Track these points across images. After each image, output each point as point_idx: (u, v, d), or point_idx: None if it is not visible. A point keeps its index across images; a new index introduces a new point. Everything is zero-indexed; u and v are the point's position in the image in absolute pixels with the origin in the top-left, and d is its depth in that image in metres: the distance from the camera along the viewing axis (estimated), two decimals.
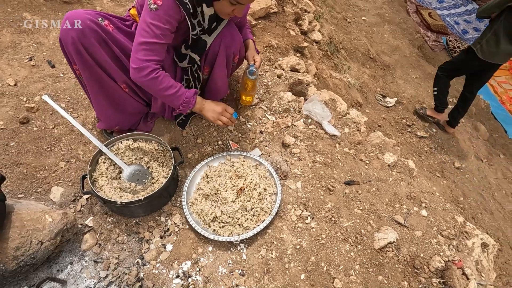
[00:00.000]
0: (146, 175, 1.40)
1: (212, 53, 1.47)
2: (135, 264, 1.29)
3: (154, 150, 1.49)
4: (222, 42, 1.43)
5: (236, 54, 1.54)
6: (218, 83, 1.58)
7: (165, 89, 1.26)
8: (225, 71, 1.54)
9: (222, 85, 1.60)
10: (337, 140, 1.77)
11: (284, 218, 1.41)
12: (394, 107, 3.48)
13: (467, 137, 3.53)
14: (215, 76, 1.54)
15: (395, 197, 1.55)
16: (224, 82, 1.61)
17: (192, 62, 1.49)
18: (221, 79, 1.57)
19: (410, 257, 1.31)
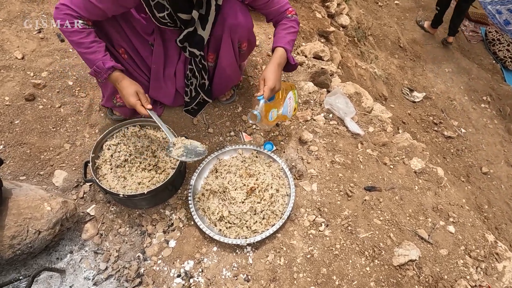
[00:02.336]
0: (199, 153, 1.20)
1: (215, 38, 1.32)
2: (136, 258, 1.23)
3: (162, 138, 1.40)
4: (225, 25, 1.26)
5: (243, 41, 1.36)
6: (227, 71, 1.44)
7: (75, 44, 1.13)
8: (233, 58, 1.39)
9: (232, 72, 1.46)
10: (359, 140, 1.62)
11: (295, 222, 1.31)
12: (421, 102, 3.24)
13: (498, 140, 3.26)
14: (223, 64, 1.40)
15: (420, 208, 1.41)
16: (234, 69, 1.46)
17: (193, 55, 1.35)
18: (230, 67, 1.42)
19: (432, 279, 1.19)
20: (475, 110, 3.44)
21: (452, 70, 3.75)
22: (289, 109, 1.36)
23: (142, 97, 1.20)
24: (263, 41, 2.06)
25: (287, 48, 1.25)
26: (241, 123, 1.63)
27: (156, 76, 1.44)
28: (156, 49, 1.36)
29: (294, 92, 1.40)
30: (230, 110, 1.68)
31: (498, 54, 4.40)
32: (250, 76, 1.82)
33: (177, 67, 1.45)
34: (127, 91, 1.18)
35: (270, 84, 1.20)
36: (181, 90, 1.53)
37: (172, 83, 1.49)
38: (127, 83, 1.20)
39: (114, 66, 1.17)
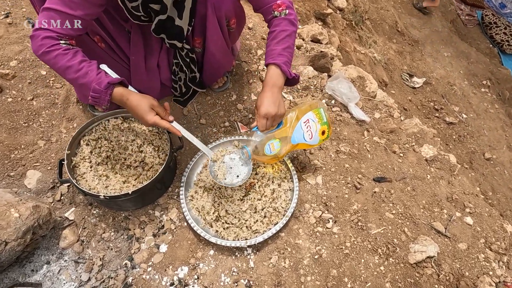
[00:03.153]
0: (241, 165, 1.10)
1: (199, 18, 1.14)
2: (123, 266, 1.10)
3: (148, 131, 1.24)
4: (207, 2, 1.09)
5: (231, 17, 1.18)
6: (216, 55, 1.26)
7: (63, 71, 0.94)
8: (222, 39, 1.22)
9: (222, 56, 1.29)
10: (365, 127, 1.49)
11: (300, 219, 1.18)
12: (422, 88, 3.13)
13: (499, 125, 3.19)
14: (211, 48, 1.22)
15: (434, 199, 1.30)
16: (225, 53, 1.30)
17: (174, 47, 1.19)
18: (220, 50, 1.25)
19: (453, 276, 1.08)
20: (475, 95, 3.35)
21: (451, 54, 3.65)
22: (307, 134, 1.09)
23: (159, 110, 1.01)
24: (257, 23, 1.90)
25: (279, 62, 1.03)
26: (236, 112, 1.49)
27: (137, 69, 1.26)
28: (134, 38, 1.17)
29: (317, 112, 1.11)
30: (223, 98, 1.53)
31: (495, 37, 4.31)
32: (244, 61, 1.67)
33: (159, 58, 1.28)
34: (140, 109, 0.97)
35: (261, 111, 1.00)
36: (167, 83, 1.36)
37: (156, 76, 1.32)
38: (136, 99, 0.98)
39: (111, 82, 0.95)
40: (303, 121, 1.08)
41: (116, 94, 0.97)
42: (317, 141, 1.13)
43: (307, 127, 1.09)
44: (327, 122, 1.13)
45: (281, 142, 1.07)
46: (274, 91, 1.02)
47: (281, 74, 1.04)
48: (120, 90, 0.98)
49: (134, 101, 0.98)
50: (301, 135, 1.09)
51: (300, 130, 1.08)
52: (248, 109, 1.50)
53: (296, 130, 1.08)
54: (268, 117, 1.01)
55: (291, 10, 1.10)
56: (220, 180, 1.07)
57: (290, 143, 1.09)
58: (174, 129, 1.03)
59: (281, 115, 1.03)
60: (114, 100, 0.99)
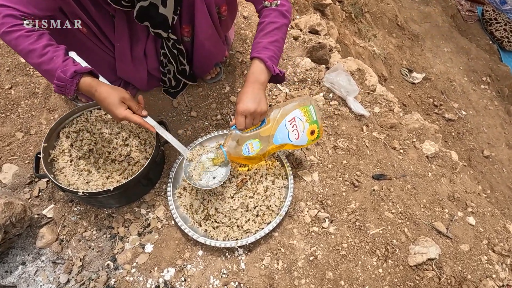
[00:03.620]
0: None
1: (187, 4, 1.05)
2: (105, 267, 1.03)
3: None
4: None
5: (221, 3, 1.10)
6: (206, 45, 1.17)
7: (25, 55, 0.85)
8: (212, 28, 1.13)
9: (213, 46, 1.20)
10: (364, 122, 1.42)
11: (295, 219, 1.11)
12: (421, 83, 3.07)
13: (499, 122, 3.14)
14: (200, 37, 1.13)
15: (435, 198, 1.24)
16: (215, 42, 1.21)
17: (160, 36, 1.10)
18: (210, 40, 1.16)
19: (455, 280, 1.02)
20: (475, 91, 3.30)
21: (451, 50, 3.59)
22: (293, 134, 1.00)
23: (131, 103, 0.93)
24: (253, 12, 1.81)
25: (263, 57, 0.94)
26: (229, 105, 1.41)
27: (122, 57, 1.17)
28: (118, 23, 1.08)
29: (305, 110, 1.01)
30: (216, 90, 1.45)
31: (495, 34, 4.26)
32: (238, 52, 1.59)
33: (146, 46, 1.19)
34: (109, 101, 0.89)
35: (239, 107, 0.93)
36: (154, 73, 1.28)
37: (143, 66, 1.23)
38: (105, 90, 0.89)
39: (78, 71, 0.86)
40: (288, 119, 0.99)
41: (83, 85, 0.89)
42: (305, 142, 1.04)
43: (292, 126, 1.00)
44: (317, 121, 1.03)
45: (261, 142, 0.98)
46: (255, 87, 0.94)
47: (265, 70, 0.95)
48: (88, 80, 0.89)
49: (103, 93, 0.89)
50: (285, 135, 1.00)
51: (284, 129, 1.00)
52: None
53: (280, 129, 0.99)
54: (247, 114, 0.93)
55: (283, 1, 1.01)
56: (195, 181, 0.98)
57: (273, 143, 1.00)
58: (147, 125, 0.96)
59: (261, 112, 0.94)
60: (81, 91, 0.90)
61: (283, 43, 1.02)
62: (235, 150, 0.97)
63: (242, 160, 1.02)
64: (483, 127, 3.00)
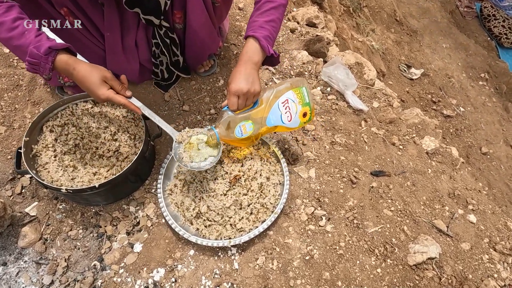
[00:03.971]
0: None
1: None
2: (92, 268, 0.98)
3: (122, 117, 1.11)
4: None
5: None
6: (199, 34, 1.12)
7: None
8: (205, 15, 1.08)
9: (206, 35, 1.14)
10: (363, 117, 1.38)
11: (291, 216, 1.07)
12: (419, 79, 3.03)
13: (497, 119, 3.12)
14: (193, 25, 1.08)
15: (435, 195, 1.20)
16: (209, 31, 1.15)
17: (151, 24, 1.05)
18: (203, 28, 1.11)
19: (456, 280, 0.99)
20: (473, 88, 3.27)
21: (450, 46, 3.55)
22: (286, 116, 0.98)
23: (114, 83, 0.88)
24: (248, 3, 1.76)
25: (258, 36, 0.90)
26: (223, 98, 1.36)
27: (113, 48, 1.11)
28: (108, 11, 1.01)
29: (298, 91, 0.99)
30: (209, 83, 1.40)
31: (493, 30, 4.23)
32: (233, 44, 1.54)
33: (137, 36, 1.14)
34: (89, 81, 0.83)
35: (231, 87, 0.89)
36: (146, 64, 1.22)
37: (134, 57, 1.17)
38: (85, 68, 0.83)
39: (53, 47, 0.79)
40: (281, 101, 0.97)
41: (59, 62, 0.81)
42: (297, 124, 1.02)
43: (285, 108, 0.98)
44: (309, 103, 1.01)
45: (254, 124, 0.95)
46: (248, 66, 0.90)
47: (259, 49, 0.91)
48: (64, 57, 0.82)
49: (82, 71, 0.82)
50: (278, 117, 0.98)
51: (277, 111, 0.97)
52: None
53: (273, 111, 0.97)
54: (239, 95, 0.89)
55: None
56: (186, 163, 0.94)
57: (266, 125, 0.98)
58: (132, 105, 0.91)
59: (254, 93, 0.91)
60: (57, 69, 0.84)
61: (279, 24, 0.98)
62: (227, 132, 0.94)
63: (234, 142, 0.99)
64: (481, 124, 2.98)
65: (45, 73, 0.81)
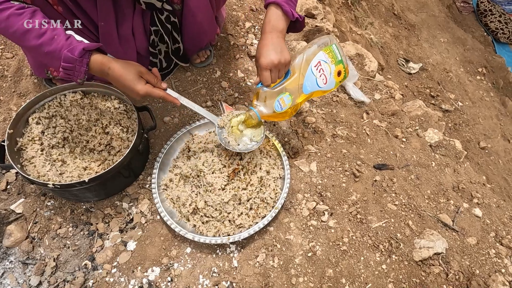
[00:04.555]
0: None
1: None
2: (82, 267, 0.92)
3: (114, 109, 1.05)
4: None
5: None
6: (198, 16, 1.06)
7: (20, 37, 0.75)
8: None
9: (205, 18, 1.09)
10: (364, 109, 1.34)
11: (292, 212, 1.03)
12: (418, 74, 3.01)
13: (494, 114, 3.11)
14: (192, 6, 1.02)
15: (440, 188, 1.17)
16: (208, 15, 1.10)
17: (152, 7, 0.98)
18: (202, 10, 1.05)
19: (463, 275, 0.95)
20: (471, 82, 3.26)
21: (447, 40, 3.53)
22: (321, 79, 0.93)
23: (149, 77, 0.85)
24: None
25: (279, 1, 0.85)
26: (220, 90, 1.31)
27: (108, 38, 1.03)
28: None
29: (328, 50, 0.93)
30: (206, 75, 1.34)
31: (490, 25, 4.22)
32: (230, 34, 1.48)
33: (133, 24, 1.07)
34: (127, 78, 0.80)
35: (262, 62, 0.84)
36: (144, 53, 1.16)
37: (131, 46, 1.10)
38: (120, 66, 0.80)
39: (87, 48, 0.76)
40: (313, 64, 0.92)
41: (94, 63, 0.78)
42: (333, 85, 0.98)
43: (319, 70, 0.92)
44: (342, 60, 0.96)
45: (292, 95, 0.91)
46: (273, 36, 0.84)
47: (282, 16, 0.85)
48: (98, 58, 0.79)
49: (118, 69, 0.79)
50: (313, 82, 0.93)
51: (311, 76, 0.92)
52: (234, 88, 1.32)
53: (307, 77, 0.92)
54: (271, 68, 0.84)
55: None
56: (234, 146, 0.95)
57: (303, 93, 0.93)
58: (170, 97, 0.89)
59: (285, 63, 0.86)
60: (92, 71, 0.80)
61: None
62: (266, 109, 0.91)
63: (275, 117, 0.96)
64: (479, 118, 2.96)
65: (79, 77, 0.78)
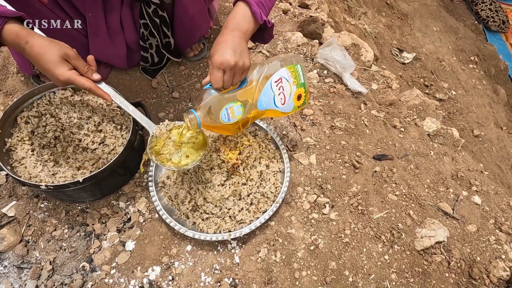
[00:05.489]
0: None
1: None
2: (80, 270, 0.90)
3: (106, 106, 1.02)
4: None
5: None
6: (190, 10, 1.03)
7: None
8: None
9: (197, 11, 1.05)
10: (362, 99, 1.33)
11: (292, 205, 1.02)
12: (411, 63, 3.01)
13: (487, 102, 3.14)
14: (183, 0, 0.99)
15: (439, 177, 1.17)
16: (200, 8, 1.07)
17: (139, 0, 0.94)
18: (194, 3, 1.02)
19: (465, 263, 0.96)
20: (464, 71, 3.28)
21: (440, 29, 3.53)
22: (279, 98, 0.83)
23: (78, 63, 0.73)
24: None
25: (250, 0, 0.74)
26: None
27: (96, 31, 1.00)
28: None
29: (292, 69, 0.84)
30: (200, 68, 1.31)
31: (481, 14, 4.24)
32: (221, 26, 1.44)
33: (122, 15, 1.03)
34: (46, 58, 0.68)
35: (216, 59, 0.71)
36: (134, 47, 1.12)
37: (121, 39, 1.07)
38: (41, 43, 0.68)
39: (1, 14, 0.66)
40: (274, 79, 0.81)
41: (8, 33, 0.66)
42: (291, 108, 0.87)
43: (279, 88, 0.82)
44: (304, 83, 0.86)
45: (243, 107, 0.78)
46: (235, 35, 0.73)
47: (250, 16, 0.75)
48: (15, 27, 0.67)
49: (37, 45, 0.67)
50: (271, 99, 0.82)
51: (270, 91, 0.81)
52: None
53: (265, 91, 0.80)
54: (226, 69, 0.71)
55: None
56: (163, 161, 0.80)
57: (256, 108, 0.82)
58: (100, 91, 0.76)
59: (243, 67, 0.74)
60: (5, 42, 0.69)
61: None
62: (210, 116, 0.76)
63: (219, 128, 0.82)
64: (472, 107, 2.99)
65: None
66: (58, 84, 0.73)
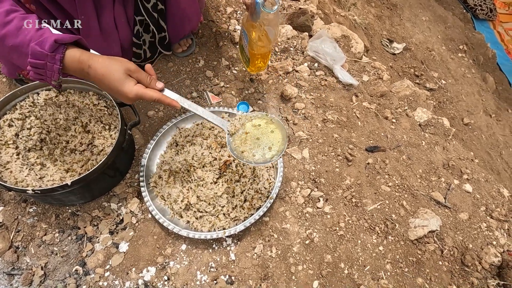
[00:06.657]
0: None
1: None
2: (73, 273, 0.88)
3: (93, 105, 0.99)
4: None
5: None
6: (181, 4, 1.02)
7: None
8: None
9: (188, 5, 1.04)
10: (353, 91, 1.32)
11: (286, 200, 1.01)
12: (402, 54, 3.01)
13: (476, 90, 3.18)
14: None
15: (431, 167, 1.18)
16: (192, 2, 1.05)
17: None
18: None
19: (458, 251, 0.97)
20: (453, 60, 3.30)
21: (429, 19, 3.54)
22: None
23: (140, 75, 0.71)
24: None
25: None
26: (205, 80, 1.25)
27: (89, 32, 0.95)
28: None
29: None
30: (189, 65, 1.28)
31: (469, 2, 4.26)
32: (211, 21, 1.41)
33: (115, 14, 0.99)
34: (112, 78, 0.66)
35: None
36: (127, 46, 1.09)
37: (115, 39, 1.02)
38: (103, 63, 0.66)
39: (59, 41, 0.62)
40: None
41: (70, 60, 0.64)
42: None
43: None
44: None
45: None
46: None
47: None
48: (75, 53, 0.64)
49: (100, 67, 0.65)
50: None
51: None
52: (219, 76, 1.27)
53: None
54: None
55: None
56: (248, 158, 0.77)
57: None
58: (168, 99, 0.74)
59: None
60: (67, 70, 0.66)
61: None
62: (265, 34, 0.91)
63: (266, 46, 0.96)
64: (462, 95, 3.02)
65: (54, 78, 0.64)
66: (127, 101, 0.72)
